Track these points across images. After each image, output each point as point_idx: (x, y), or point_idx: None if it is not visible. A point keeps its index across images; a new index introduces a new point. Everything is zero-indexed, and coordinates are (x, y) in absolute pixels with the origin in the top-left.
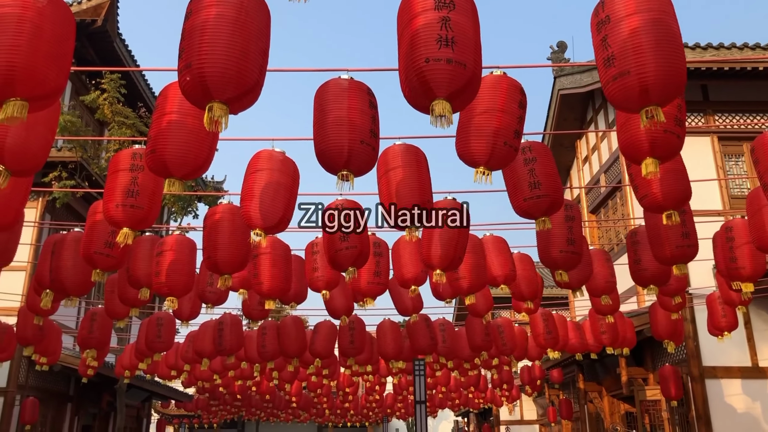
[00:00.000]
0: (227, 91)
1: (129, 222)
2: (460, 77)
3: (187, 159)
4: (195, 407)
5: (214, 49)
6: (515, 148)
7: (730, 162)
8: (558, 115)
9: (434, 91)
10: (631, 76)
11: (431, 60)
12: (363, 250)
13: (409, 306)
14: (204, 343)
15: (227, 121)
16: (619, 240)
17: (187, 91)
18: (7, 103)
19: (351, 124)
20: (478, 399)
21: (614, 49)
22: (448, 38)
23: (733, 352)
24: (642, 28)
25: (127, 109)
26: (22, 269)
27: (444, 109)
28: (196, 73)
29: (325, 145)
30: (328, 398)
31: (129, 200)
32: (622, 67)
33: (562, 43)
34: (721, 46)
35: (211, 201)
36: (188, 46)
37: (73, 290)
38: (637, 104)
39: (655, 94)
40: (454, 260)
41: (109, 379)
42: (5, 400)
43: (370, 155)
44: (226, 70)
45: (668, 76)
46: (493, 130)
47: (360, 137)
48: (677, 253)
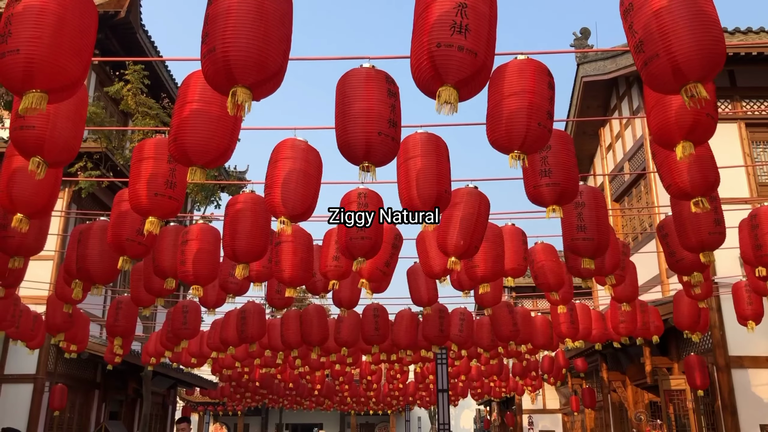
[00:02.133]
0: (251, 76)
1: (159, 211)
2: (469, 65)
3: (209, 147)
4: (220, 395)
5: (238, 34)
6: (549, 129)
7: (758, 149)
8: (581, 102)
9: (442, 76)
10: (660, 59)
11: (443, 45)
12: (377, 241)
13: (425, 297)
14: (229, 331)
15: (250, 106)
16: (643, 229)
17: (210, 75)
18: (27, 94)
19: (368, 115)
20: (499, 388)
21: (641, 35)
22: (463, 25)
23: (760, 342)
24: (664, 8)
25: (151, 100)
26: (49, 258)
27: (450, 96)
28: (220, 57)
29: (344, 137)
30: (350, 386)
31: (162, 189)
32: (651, 51)
33: (585, 29)
34: (750, 31)
35: (233, 191)
36: (212, 31)
37: (99, 278)
38: (674, 85)
39: (689, 71)
40: (470, 249)
41: (135, 366)
42: (35, 386)
43: (390, 146)
44: (250, 55)
45: (699, 51)
46: (526, 112)
47: (378, 128)
48: (708, 240)
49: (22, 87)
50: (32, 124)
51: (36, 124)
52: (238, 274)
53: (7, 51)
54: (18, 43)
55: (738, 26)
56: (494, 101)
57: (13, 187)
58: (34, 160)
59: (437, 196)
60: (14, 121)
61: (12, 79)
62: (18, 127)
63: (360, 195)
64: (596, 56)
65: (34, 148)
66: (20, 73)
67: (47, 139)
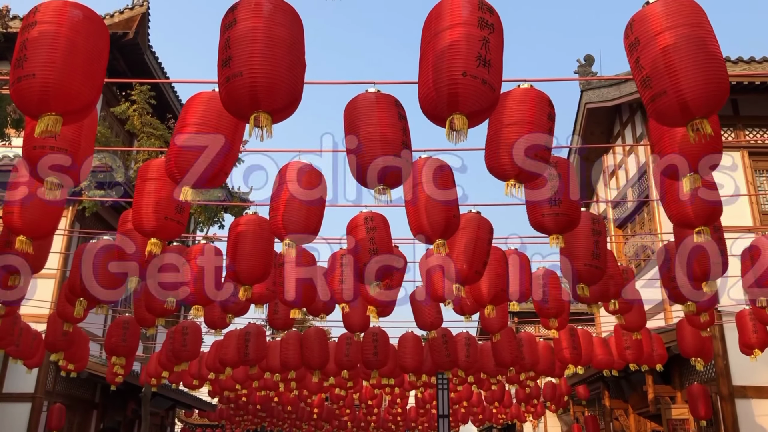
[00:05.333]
0: (276, 102)
1: (164, 234)
2: (487, 99)
3: (203, 168)
4: (218, 417)
5: (265, 59)
6: (546, 160)
7: (761, 177)
8: (585, 128)
9: (459, 105)
10: (668, 96)
11: (469, 75)
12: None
13: (428, 321)
14: (229, 353)
15: (271, 130)
16: (646, 255)
17: (231, 99)
18: (43, 117)
19: (383, 139)
20: (501, 414)
21: (648, 71)
22: (486, 59)
23: (764, 372)
24: (672, 46)
25: (156, 120)
26: (51, 276)
27: (464, 125)
28: (247, 82)
29: (363, 161)
30: (350, 410)
31: (173, 214)
32: (658, 87)
33: (589, 56)
34: (753, 60)
35: (237, 212)
36: (237, 55)
37: (102, 297)
38: (681, 121)
39: (696, 108)
40: (472, 275)
41: (134, 386)
42: (33, 405)
43: (406, 168)
44: (277, 81)
45: (706, 89)
46: (524, 142)
47: (394, 151)
48: (711, 269)
49: (38, 110)
50: (48, 144)
51: (53, 144)
52: (241, 295)
53: (24, 75)
54: (34, 68)
55: (741, 56)
56: (494, 129)
57: (23, 210)
58: (49, 181)
59: (446, 222)
60: (29, 141)
61: (28, 102)
62: (32, 147)
63: (367, 219)
64: (600, 83)
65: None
66: (36, 97)
67: (62, 160)
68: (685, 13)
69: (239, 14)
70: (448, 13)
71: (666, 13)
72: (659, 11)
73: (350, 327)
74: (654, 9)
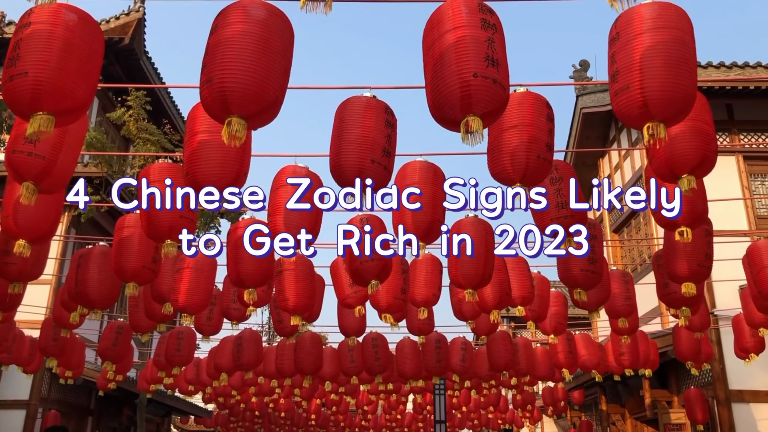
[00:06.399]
0: (246, 107)
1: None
2: (499, 98)
3: (221, 174)
4: (214, 423)
5: (235, 65)
6: (549, 161)
7: (756, 182)
8: (580, 133)
9: (473, 106)
10: (629, 92)
11: (479, 76)
12: (386, 262)
13: (417, 326)
14: (223, 358)
15: (245, 136)
16: (642, 260)
17: (207, 104)
18: (35, 116)
19: (363, 142)
20: (498, 419)
21: (618, 65)
22: (494, 59)
23: (760, 376)
24: (648, 46)
25: (152, 126)
26: (47, 282)
27: (479, 126)
28: (216, 87)
29: (337, 161)
30: (345, 416)
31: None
32: (623, 82)
33: (584, 61)
34: (747, 65)
35: (233, 217)
36: (210, 61)
37: (98, 303)
38: (639, 121)
39: (655, 109)
40: (484, 278)
41: (130, 393)
42: (28, 412)
43: (381, 174)
44: (246, 86)
45: (669, 91)
46: (525, 145)
47: (371, 156)
48: (697, 271)
49: (29, 109)
50: (29, 150)
51: (33, 150)
52: (246, 298)
53: (16, 74)
54: (26, 66)
55: (735, 60)
56: (494, 134)
57: (18, 212)
58: (27, 186)
59: (429, 224)
60: (10, 145)
61: (20, 101)
62: (13, 150)
63: (362, 220)
64: (595, 88)
65: (30, 173)
66: (28, 95)
67: (36, 165)
68: (670, 18)
69: (219, 21)
70: (450, 18)
71: (652, 16)
72: (645, 12)
73: (346, 331)
74: (641, 10)
